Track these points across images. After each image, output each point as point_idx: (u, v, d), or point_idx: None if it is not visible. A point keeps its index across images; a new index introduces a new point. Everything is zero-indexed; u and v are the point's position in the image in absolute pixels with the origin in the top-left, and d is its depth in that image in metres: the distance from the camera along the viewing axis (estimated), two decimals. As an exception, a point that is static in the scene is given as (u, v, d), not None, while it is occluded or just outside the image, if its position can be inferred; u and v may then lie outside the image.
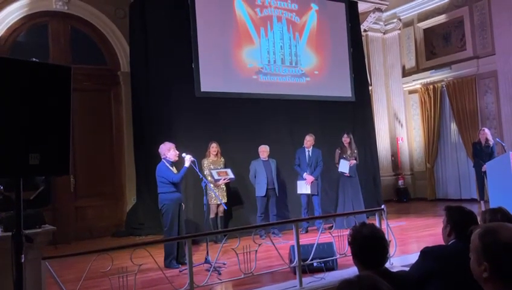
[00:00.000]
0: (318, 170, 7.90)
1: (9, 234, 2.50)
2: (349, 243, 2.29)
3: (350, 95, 9.86)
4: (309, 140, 7.96)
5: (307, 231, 7.78)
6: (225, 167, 7.45)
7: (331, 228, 6.67)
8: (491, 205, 6.69)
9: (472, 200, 10.37)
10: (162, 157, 5.91)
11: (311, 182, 7.76)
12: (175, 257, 5.72)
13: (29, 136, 2.39)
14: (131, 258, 4.03)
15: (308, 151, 7.96)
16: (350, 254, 2.38)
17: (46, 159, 2.44)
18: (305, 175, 7.80)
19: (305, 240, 6.09)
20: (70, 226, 8.32)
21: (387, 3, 11.39)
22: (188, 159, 5.79)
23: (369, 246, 2.20)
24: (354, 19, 10.26)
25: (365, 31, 11.89)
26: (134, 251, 4.18)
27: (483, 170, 8.23)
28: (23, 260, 2.43)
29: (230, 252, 4.95)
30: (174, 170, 5.88)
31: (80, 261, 4.68)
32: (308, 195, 7.85)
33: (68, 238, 7.86)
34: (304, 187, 7.82)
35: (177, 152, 5.89)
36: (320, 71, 9.53)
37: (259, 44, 8.81)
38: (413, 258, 3.33)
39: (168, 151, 5.87)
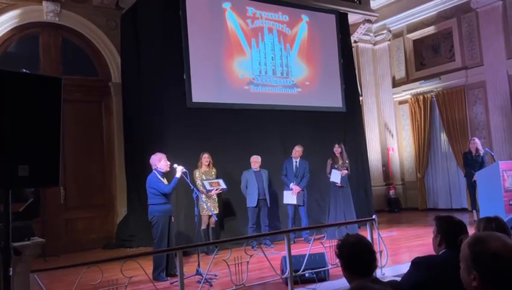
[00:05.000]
0: (305, 181, 7.92)
1: (-2, 246, 2.47)
2: (338, 255, 2.31)
3: (341, 106, 9.92)
4: (298, 150, 7.98)
5: (293, 242, 7.73)
6: (217, 177, 7.43)
7: (322, 238, 6.66)
8: (481, 214, 6.74)
9: (463, 210, 10.43)
10: (153, 168, 5.87)
11: (298, 192, 7.77)
12: (164, 269, 5.68)
13: (18, 148, 2.36)
14: (122, 270, 3.99)
15: (296, 161, 7.98)
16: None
17: (36, 171, 2.42)
18: (291, 185, 7.81)
19: (296, 250, 6.07)
20: (60, 238, 8.24)
21: (377, 14, 11.52)
22: (179, 170, 5.77)
23: (357, 253, 2.22)
24: (344, 30, 10.35)
25: (355, 42, 12.00)
26: (125, 263, 4.14)
27: (474, 179, 8.30)
28: (11, 273, 2.40)
29: (221, 264, 4.92)
30: (165, 181, 5.85)
31: (70, 274, 4.63)
32: (294, 206, 7.87)
33: (58, 250, 7.77)
34: (290, 197, 7.84)
35: (168, 163, 5.87)
36: (311, 82, 9.59)
37: (251, 55, 8.86)
38: (404, 268, 3.34)
39: (159, 161, 5.84)
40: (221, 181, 7.21)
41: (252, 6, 9.02)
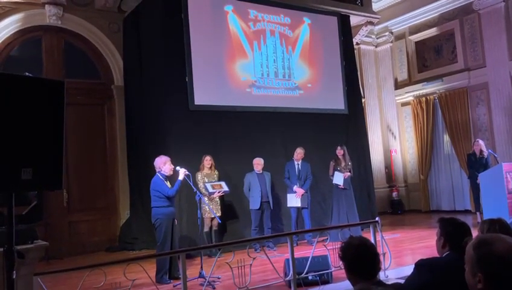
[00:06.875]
0: (308, 183, 7.90)
1: (1, 250, 2.48)
2: (341, 257, 2.30)
3: (343, 108, 9.91)
4: (300, 153, 7.96)
5: (296, 244, 7.71)
6: (219, 179, 7.42)
7: (325, 240, 6.64)
8: (484, 216, 6.72)
9: (466, 212, 10.39)
10: (157, 170, 5.87)
11: (302, 195, 7.75)
12: (166, 272, 5.66)
13: (21, 151, 2.37)
14: (125, 273, 3.99)
15: (298, 164, 7.96)
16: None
17: (39, 174, 2.42)
18: (295, 188, 7.78)
19: (300, 253, 6.06)
20: (63, 241, 8.24)
21: (379, 16, 11.51)
22: (182, 172, 5.76)
23: (361, 255, 2.21)
24: (346, 32, 10.34)
25: (357, 44, 11.99)
26: (128, 265, 4.13)
27: (478, 181, 8.26)
28: (14, 276, 2.40)
29: (224, 266, 4.91)
30: (168, 184, 5.84)
31: (73, 276, 4.63)
32: (298, 208, 7.84)
33: (61, 253, 7.78)
34: (294, 200, 7.80)
35: (173, 166, 5.87)
36: (313, 84, 9.59)
37: (253, 57, 8.86)
38: (408, 270, 3.33)
39: (163, 165, 5.83)
40: (223, 183, 7.19)
41: (253, 9, 9.03)
